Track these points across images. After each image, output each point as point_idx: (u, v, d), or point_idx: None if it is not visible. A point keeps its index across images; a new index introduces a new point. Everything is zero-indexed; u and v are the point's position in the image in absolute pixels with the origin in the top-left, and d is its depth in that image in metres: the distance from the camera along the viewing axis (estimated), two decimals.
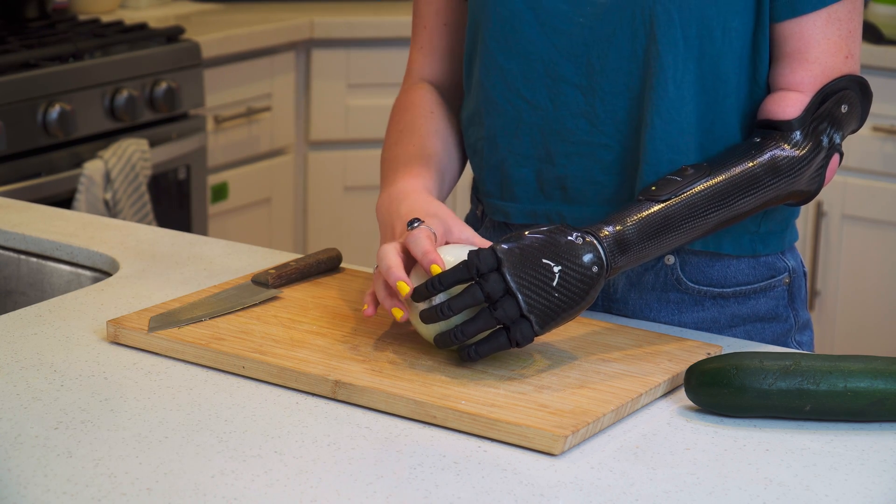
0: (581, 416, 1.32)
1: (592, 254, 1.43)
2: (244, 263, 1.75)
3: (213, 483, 1.21)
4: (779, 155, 1.54)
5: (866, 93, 1.60)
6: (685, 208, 1.50)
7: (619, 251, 1.46)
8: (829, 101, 1.56)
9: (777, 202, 1.56)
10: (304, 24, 3.56)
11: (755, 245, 1.63)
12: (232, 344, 1.46)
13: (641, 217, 1.48)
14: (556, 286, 1.41)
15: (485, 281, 1.40)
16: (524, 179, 1.63)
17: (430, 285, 1.41)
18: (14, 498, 1.18)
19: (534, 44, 1.59)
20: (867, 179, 3.38)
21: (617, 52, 1.56)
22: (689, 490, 1.23)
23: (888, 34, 3.38)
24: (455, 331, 1.40)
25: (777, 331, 1.67)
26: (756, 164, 1.53)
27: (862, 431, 1.36)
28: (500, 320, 1.40)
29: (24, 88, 2.85)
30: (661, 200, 1.49)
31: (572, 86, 1.59)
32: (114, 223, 1.90)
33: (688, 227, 1.50)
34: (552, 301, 1.41)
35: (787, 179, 1.54)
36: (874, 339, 3.43)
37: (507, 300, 1.40)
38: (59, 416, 1.32)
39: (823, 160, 1.57)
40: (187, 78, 3.19)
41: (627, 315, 1.65)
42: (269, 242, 3.58)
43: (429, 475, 1.24)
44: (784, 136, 1.55)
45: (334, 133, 3.66)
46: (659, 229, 1.49)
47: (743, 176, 1.53)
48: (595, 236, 1.45)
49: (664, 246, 1.50)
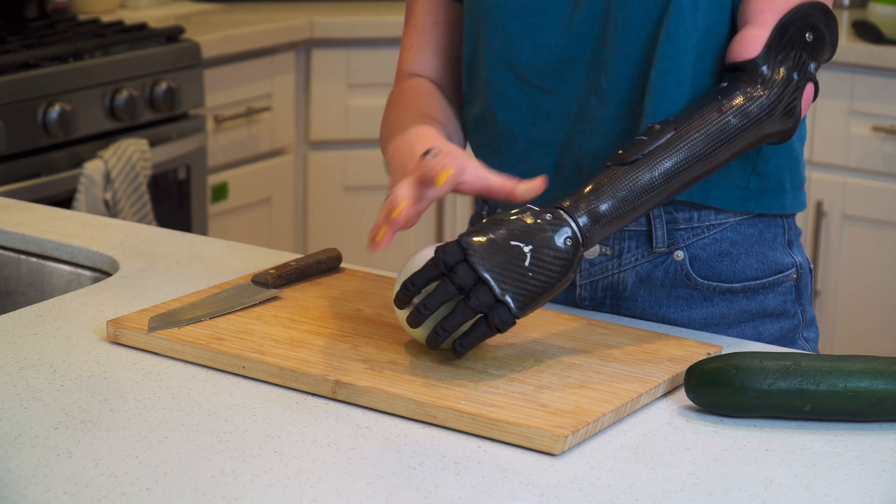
0: (581, 416, 1.32)
1: (565, 228, 1.42)
2: (244, 263, 1.75)
3: (213, 483, 1.21)
4: (747, 99, 1.52)
5: (829, 16, 1.57)
6: (656, 166, 1.47)
7: (592, 221, 1.43)
8: (791, 30, 1.54)
9: (752, 147, 1.54)
10: (304, 24, 3.56)
11: (746, 202, 1.62)
12: (232, 344, 1.46)
13: (611, 181, 1.46)
14: (530, 266, 1.39)
15: (454, 274, 1.39)
16: (545, 167, 1.62)
17: (403, 288, 1.41)
18: (14, 498, 1.18)
19: (539, 31, 1.59)
20: (867, 179, 3.38)
21: (626, 18, 1.55)
22: (689, 490, 1.23)
23: (888, 34, 3.38)
24: (437, 328, 1.40)
25: (786, 327, 1.67)
26: (724, 111, 1.51)
27: (862, 431, 1.36)
28: (477, 309, 1.39)
29: (24, 88, 2.85)
30: (628, 163, 1.47)
31: (579, 63, 1.59)
32: (114, 223, 1.90)
33: (661, 187, 1.48)
34: (527, 281, 1.39)
35: (757, 122, 1.52)
36: (874, 339, 3.43)
37: (479, 288, 1.39)
38: (59, 416, 1.33)
39: (794, 93, 1.54)
40: (187, 78, 3.19)
41: (637, 313, 1.64)
42: (269, 242, 3.58)
43: (429, 475, 1.24)
44: (751, 77, 1.53)
45: (334, 133, 3.66)
46: (631, 190, 1.46)
47: (711, 126, 1.50)
48: (565, 210, 1.43)
49: (639, 208, 1.47)
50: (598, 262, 1.64)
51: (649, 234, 1.62)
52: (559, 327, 1.54)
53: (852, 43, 3.32)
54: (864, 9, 3.77)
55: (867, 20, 3.52)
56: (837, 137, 3.36)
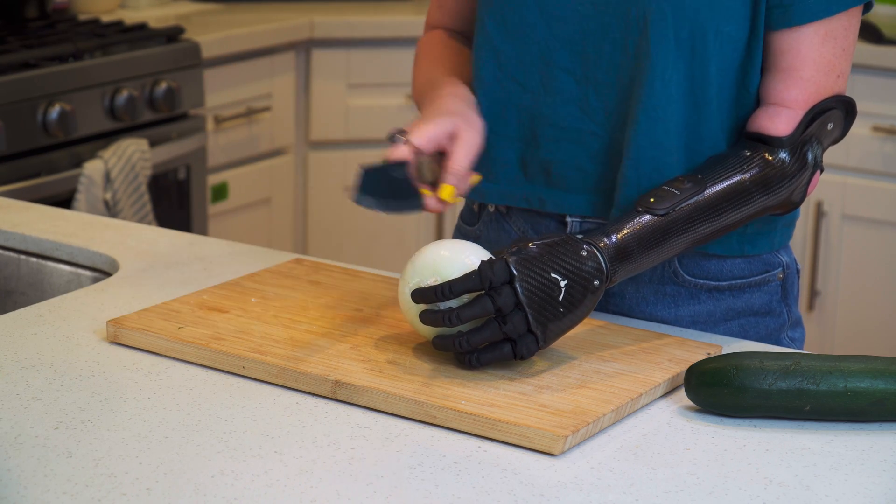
0: (581, 416, 1.32)
1: (595, 265, 1.44)
2: (244, 263, 1.75)
3: (213, 483, 1.21)
4: (769, 170, 1.56)
5: (850, 112, 1.63)
6: (682, 222, 1.52)
7: (619, 262, 1.47)
8: (817, 120, 1.59)
9: (763, 214, 1.59)
10: (304, 24, 3.56)
11: (743, 246, 1.64)
12: (232, 344, 1.46)
13: (641, 229, 1.50)
14: (562, 301, 1.42)
15: (497, 294, 1.40)
16: (507, 160, 1.65)
17: (438, 292, 1.41)
18: (14, 498, 1.18)
19: (532, 28, 1.60)
20: (867, 179, 3.38)
21: (611, 43, 1.57)
22: (689, 490, 1.23)
23: (888, 34, 3.38)
24: (461, 339, 1.41)
25: (771, 326, 1.68)
26: (748, 178, 1.55)
27: (862, 431, 1.36)
28: (509, 334, 1.41)
29: (24, 88, 2.85)
30: (659, 214, 1.51)
31: (566, 72, 1.60)
32: (114, 223, 1.90)
33: (682, 240, 1.53)
34: (557, 316, 1.42)
35: (775, 193, 1.57)
36: (874, 339, 3.43)
37: (517, 314, 1.40)
38: (59, 416, 1.33)
39: (809, 176, 1.59)
40: (187, 78, 3.19)
41: (624, 309, 1.65)
42: (269, 242, 3.58)
43: (429, 475, 1.24)
44: (773, 152, 1.57)
45: (334, 133, 3.66)
46: (657, 241, 1.51)
47: (735, 190, 1.55)
48: (597, 247, 1.46)
49: (659, 257, 1.52)
50: None
51: None
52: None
53: None
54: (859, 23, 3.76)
55: (867, 20, 3.52)
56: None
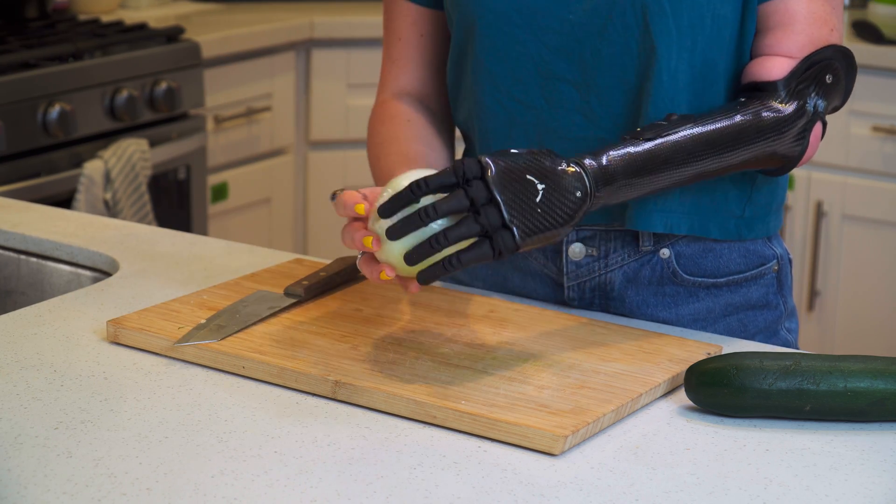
0: (581, 416, 1.32)
1: (577, 180, 1.42)
2: (244, 263, 1.75)
3: (213, 483, 1.21)
4: (763, 112, 1.54)
5: (851, 65, 1.60)
6: (669, 150, 1.49)
7: (603, 182, 1.45)
8: (815, 67, 1.57)
9: (758, 164, 1.56)
10: (304, 24, 3.56)
11: (741, 230, 1.64)
12: (232, 344, 1.46)
13: (626, 154, 1.47)
14: (539, 202, 1.39)
15: (468, 186, 1.38)
16: None
17: (414, 187, 1.38)
18: (14, 498, 1.18)
19: (524, 45, 1.60)
20: (867, 179, 3.38)
21: (609, 46, 1.57)
22: (689, 490, 1.23)
23: (888, 34, 3.38)
24: (438, 236, 1.37)
25: (769, 318, 1.69)
26: (741, 118, 1.53)
27: (862, 431, 1.36)
28: (484, 227, 1.38)
29: (24, 88, 2.85)
30: (646, 139, 1.49)
31: (566, 83, 1.60)
32: (114, 223, 1.90)
33: (670, 170, 1.50)
34: (535, 216, 1.39)
35: (770, 137, 1.54)
36: (874, 339, 3.43)
37: (491, 207, 1.38)
38: (59, 416, 1.33)
39: (806, 124, 1.56)
40: (187, 78, 3.19)
41: (625, 312, 1.65)
42: (269, 242, 3.58)
43: (429, 475, 1.24)
44: (769, 96, 1.55)
45: (334, 133, 3.66)
46: (642, 167, 1.48)
47: (728, 127, 1.53)
48: (580, 165, 1.44)
49: (646, 185, 1.49)
50: (585, 264, 1.64)
51: (635, 234, 1.63)
52: (559, 327, 1.54)
53: (852, 43, 3.32)
54: (864, 9, 3.77)
55: (867, 20, 3.52)
56: (837, 137, 3.36)
